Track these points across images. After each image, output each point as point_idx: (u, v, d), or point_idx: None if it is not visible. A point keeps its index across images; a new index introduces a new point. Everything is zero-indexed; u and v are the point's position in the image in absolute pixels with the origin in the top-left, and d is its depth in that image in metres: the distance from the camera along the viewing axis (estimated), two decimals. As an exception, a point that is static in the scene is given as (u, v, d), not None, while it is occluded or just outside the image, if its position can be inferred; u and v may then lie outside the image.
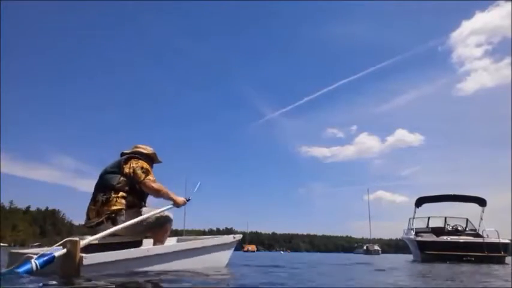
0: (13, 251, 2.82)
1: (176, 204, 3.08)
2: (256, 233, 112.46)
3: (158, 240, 3.06)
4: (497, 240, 9.81)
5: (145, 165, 3.04)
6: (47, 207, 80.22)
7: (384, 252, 48.16)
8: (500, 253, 9.62)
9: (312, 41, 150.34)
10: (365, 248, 42.92)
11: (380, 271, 4.38)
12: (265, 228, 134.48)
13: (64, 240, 2.32)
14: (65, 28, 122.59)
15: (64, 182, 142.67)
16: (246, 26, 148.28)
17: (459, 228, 11.60)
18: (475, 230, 11.42)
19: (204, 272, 2.74)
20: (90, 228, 2.84)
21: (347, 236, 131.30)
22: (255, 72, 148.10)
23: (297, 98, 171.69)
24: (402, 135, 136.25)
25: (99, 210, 2.83)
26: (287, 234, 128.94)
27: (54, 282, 1.95)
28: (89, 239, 2.47)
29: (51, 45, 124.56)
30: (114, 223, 2.75)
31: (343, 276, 3.36)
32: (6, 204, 68.96)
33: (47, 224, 75.60)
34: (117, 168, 2.97)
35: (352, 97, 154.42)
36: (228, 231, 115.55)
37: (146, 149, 3.30)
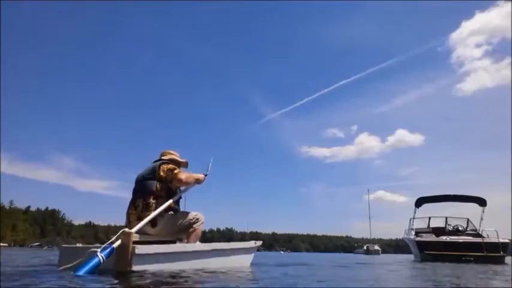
0: (65, 245, 3.09)
1: (198, 181, 3.40)
2: (256, 233, 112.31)
3: (189, 241, 3.29)
4: (496, 240, 9.81)
5: (173, 166, 3.33)
6: (47, 207, 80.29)
7: (384, 252, 48.18)
8: (500, 253, 9.62)
9: (313, 42, 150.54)
10: (365, 248, 42.92)
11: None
12: (265, 228, 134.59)
13: (119, 232, 2.55)
14: (65, 28, 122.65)
15: (64, 182, 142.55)
16: (247, 27, 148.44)
17: (460, 228, 11.59)
18: (475, 230, 11.42)
19: (242, 270, 3.10)
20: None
21: (347, 236, 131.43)
22: (256, 73, 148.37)
23: (297, 98, 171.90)
24: (402, 135, 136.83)
25: (140, 214, 3.03)
26: (287, 234, 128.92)
27: (108, 277, 2.16)
28: (139, 224, 2.76)
29: (52, 45, 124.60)
30: (154, 226, 3.03)
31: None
32: (6, 204, 68.93)
33: (47, 224, 75.50)
34: (152, 175, 3.20)
35: (353, 97, 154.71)
36: (229, 231, 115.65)
37: (174, 154, 3.58)
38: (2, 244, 44.37)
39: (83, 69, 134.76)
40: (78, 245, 3.16)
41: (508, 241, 10.05)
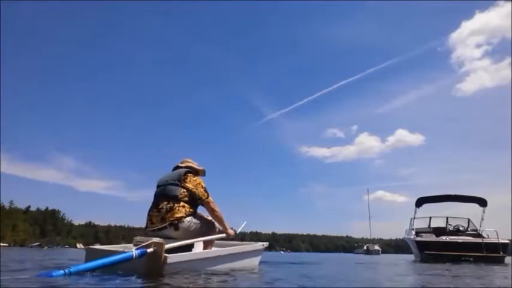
0: (91, 247, 3.19)
1: (228, 235, 3.57)
2: (256, 233, 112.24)
3: (207, 245, 3.50)
4: (496, 241, 9.79)
5: (203, 183, 3.50)
6: (47, 207, 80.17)
7: (384, 252, 48.14)
8: (499, 253, 9.60)
9: (313, 42, 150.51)
10: (365, 248, 42.93)
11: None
12: (265, 228, 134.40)
13: (149, 241, 2.65)
14: (65, 28, 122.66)
15: (64, 182, 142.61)
16: (248, 27, 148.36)
17: (461, 228, 11.56)
18: (476, 230, 11.39)
19: (253, 270, 3.35)
20: (153, 231, 3.21)
21: (347, 236, 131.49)
22: (256, 73, 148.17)
23: (297, 98, 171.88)
24: (403, 136, 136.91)
25: (164, 216, 3.17)
26: (287, 234, 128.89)
27: (139, 279, 2.27)
28: (173, 244, 2.87)
29: (51, 45, 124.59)
30: (176, 229, 3.16)
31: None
32: (6, 204, 68.87)
33: (47, 224, 75.46)
34: (178, 181, 3.36)
35: (353, 97, 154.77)
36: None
37: (192, 162, 3.76)
38: (2, 244, 44.38)
39: (83, 69, 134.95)
40: (97, 246, 3.41)
41: (508, 241, 10.04)
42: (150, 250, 2.55)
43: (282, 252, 63.07)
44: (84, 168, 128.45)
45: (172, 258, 2.65)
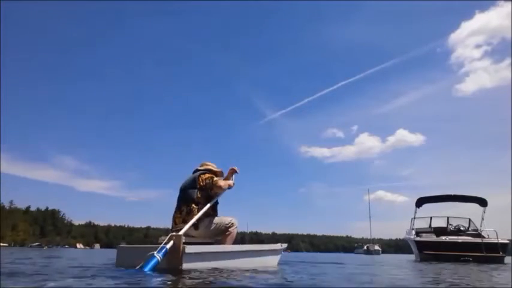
0: (122, 245, 3.50)
1: (229, 186, 3.84)
2: (256, 233, 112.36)
3: (226, 243, 3.67)
4: (495, 241, 9.79)
5: (210, 175, 3.81)
6: (47, 207, 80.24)
7: (384, 252, 48.11)
8: (499, 253, 9.59)
9: (313, 42, 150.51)
10: (365, 248, 42.92)
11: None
12: (265, 228, 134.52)
13: (169, 235, 2.97)
14: (66, 28, 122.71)
15: (64, 182, 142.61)
16: (248, 28, 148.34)
17: (461, 228, 11.55)
18: (477, 230, 11.38)
19: (276, 270, 3.50)
20: (177, 231, 3.42)
21: (347, 236, 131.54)
22: (257, 74, 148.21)
23: (297, 98, 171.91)
24: (403, 136, 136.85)
25: (185, 218, 3.51)
26: (287, 234, 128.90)
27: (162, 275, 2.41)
28: (185, 227, 3.24)
29: (51, 45, 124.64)
30: (196, 228, 3.49)
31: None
32: (6, 204, 68.99)
33: (47, 224, 75.47)
34: (194, 184, 3.68)
35: (353, 97, 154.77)
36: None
37: (211, 165, 4.06)
38: (2, 244, 44.40)
39: (83, 69, 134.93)
40: (122, 244, 3.70)
41: (508, 241, 10.04)
42: (170, 245, 2.86)
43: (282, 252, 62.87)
44: (84, 168, 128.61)
45: (189, 248, 2.89)
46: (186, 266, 2.88)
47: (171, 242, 2.87)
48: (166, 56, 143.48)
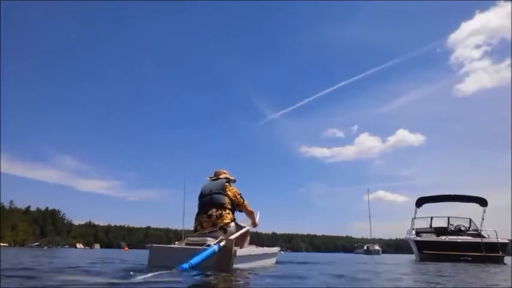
0: (155, 245, 3.59)
1: (254, 225, 4.50)
2: (256, 233, 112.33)
3: (241, 245, 3.95)
4: (495, 240, 9.81)
5: (238, 191, 4.22)
6: (47, 207, 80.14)
7: (384, 252, 48.11)
8: (499, 253, 9.61)
9: (313, 43, 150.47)
10: (365, 248, 42.91)
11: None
12: (265, 228, 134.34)
13: (219, 238, 3.25)
14: (66, 28, 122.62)
15: (64, 182, 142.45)
16: (247, 28, 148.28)
17: (462, 228, 11.57)
18: (477, 230, 11.39)
19: (276, 267, 4.19)
20: (203, 234, 3.74)
21: (347, 236, 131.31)
22: (257, 74, 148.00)
23: (298, 98, 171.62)
24: (403, 136, 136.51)
25: (214, 222, 3.78)
26: (287, 234, 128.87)
27: (209, 273, 2.66)
28: (235, 235, 3.60)
29: (51, 45, 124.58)
30: (225, 232, 3.74)
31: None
32: (6, 204, 68.97)
33: (47, 224, 75.47)
34: (222, 190, 4.01)
35: (353, 97, 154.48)
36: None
37: (227, 173, 4.44)
38: (2, 244, 44.41)
39: (83, 69, 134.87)
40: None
41: (507, 241, 10.05)
42: (223, 243, 3.09)
43: (282, 252, 63.06)
44: (84, 168, 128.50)
45: (240, 252, 3.26)
46: (235, 267, 3.19)
47: (223, 243, 3.12)
48: (166, 56, 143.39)
